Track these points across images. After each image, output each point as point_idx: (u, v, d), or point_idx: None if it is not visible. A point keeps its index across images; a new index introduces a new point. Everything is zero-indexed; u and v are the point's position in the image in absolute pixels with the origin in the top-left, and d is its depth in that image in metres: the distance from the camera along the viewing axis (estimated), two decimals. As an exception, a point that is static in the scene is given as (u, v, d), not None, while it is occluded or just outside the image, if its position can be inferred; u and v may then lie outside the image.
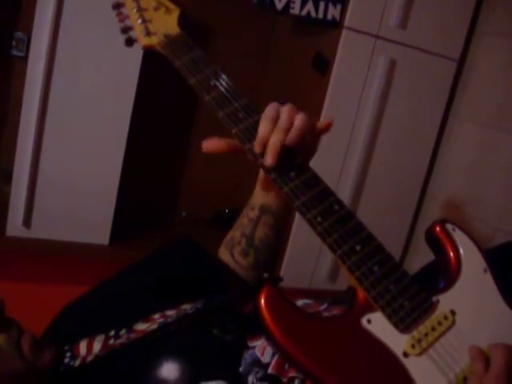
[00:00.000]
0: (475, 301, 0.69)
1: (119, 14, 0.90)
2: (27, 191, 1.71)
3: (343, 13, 1.81)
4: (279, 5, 1.74)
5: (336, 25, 1.82)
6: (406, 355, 0.63)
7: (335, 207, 0.69)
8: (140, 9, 0.88)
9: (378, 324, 0.64)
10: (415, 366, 0.62)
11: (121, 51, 1.04)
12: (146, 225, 2.11)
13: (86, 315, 0.80)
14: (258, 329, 0.62)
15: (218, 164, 1.89)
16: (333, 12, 1.80)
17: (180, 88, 0.97)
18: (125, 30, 0.89)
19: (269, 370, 0.68)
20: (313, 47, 1.92)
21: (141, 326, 0.74)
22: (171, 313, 0.74)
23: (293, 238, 1.91)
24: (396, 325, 0.64)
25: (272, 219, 0.85)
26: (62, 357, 0.73)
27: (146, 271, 0.86)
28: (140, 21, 0.88)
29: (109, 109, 1.76)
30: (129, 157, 1.81)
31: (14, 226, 1.74)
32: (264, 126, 0.71)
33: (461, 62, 2.04)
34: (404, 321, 0.64)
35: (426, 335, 0.64)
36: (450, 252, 0.72)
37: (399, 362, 0.62)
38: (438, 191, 2.14)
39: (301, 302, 0.84)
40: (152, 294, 0.80)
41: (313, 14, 1.79)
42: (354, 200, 1.99)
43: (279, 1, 1.73)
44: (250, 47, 2.19)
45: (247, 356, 0.70)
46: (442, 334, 0.65)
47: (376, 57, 1.88)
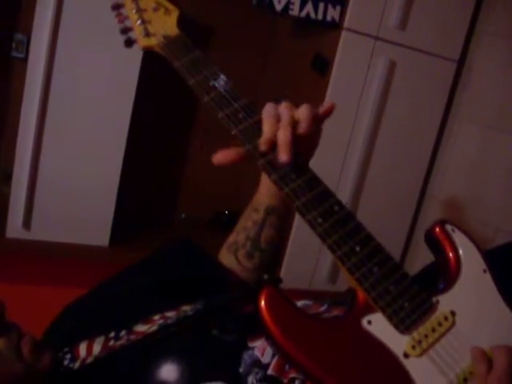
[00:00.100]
0: (475, 301, 0.69)
1: (119, 15, 0.89)
2: (27, 193, 1.71)
3: (343, 14, 1.81)
4: (278, 6, 1.74)
5: (335, 26, 1.82)
6: (407, 356, 0.62)
7: (335, 208, 0.69)
8: (139, 10, 0.88)
9: (379, 325, 0.64)
10: (415, 367, 0.62)
11: (120, 52, 1.04)
12: (146, 226, 2.11)
13: (86, 317, 0.80)
14: (258, 329, 0.62)
15: (218, 166, 1.88)
16: (332, 13, 1.80)
17: (180, 89, 0.97)
18: (124, 31, 0.89)
19: (269, 371, 0.68)
20: (312, 48, 1.92)
21: (141, 328, 0.73)
22: (171, 314, 0.74)
23: (292, 239, 1.91)
24: (396, 326, 0.64)
25: (277, 220, 0.85)
26: (62, 359, 0.73)
27: (146, 272, 0.86)
28: (139, 22, 0.87)
29: (108, 110, 1.75)
30: (128, 158, 1.81)
31: (14, 228, 1.74)
32: (268, 125, 0.70)
33: (460, 63, 2.05)
34: (404, 322, 0.64)
35: (427, 336, 0.64)
36: (450, 253, 0.72)
37: (399, 363, 0.62)
38: (438, 192, 2.14)
39: (301, 303, 0.84)
40: (152, 296, 0.80)
41: (312, 15, 1.79)
42: (354, 201, 1.98)
43: (278, 2, 1.73)
44: (250, 48, 2.19)
45: (247, 357, 0.70)
46: (443, 335, 0.64)
47: (375, 58, 1.88)
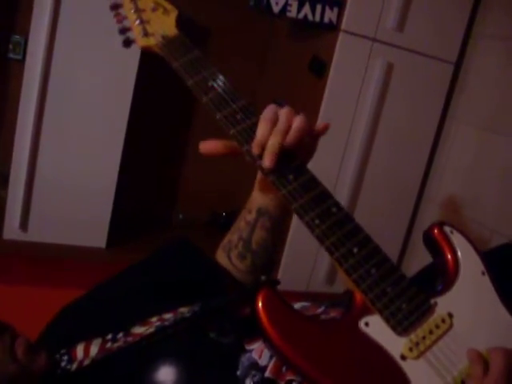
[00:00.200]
0: (473, 303, 0.69)
1: (117, 15, 0.89)
2: (24, 194, 1.71)
3: (340, 16, 1.81)
4: (276, 8, 1.74)
5: (333, 28, 1.82)
6: (404, 358, 0.62)
7: (333, 210, 0.69)
8: (138, 10, 0.88)
9: (376, 327, 0.64)
10: (413, 369, 0.62)
11: (118, 53, 1.04)
12: (143, 228, 2.10)
13: (83, 318, 0.80)
14: (256, 332, 0.62)
15: (216, 166, 1.89)
16: (330, 15, 1.80)
17: (178, 89, 0.97)
18: (123, 31, 0.89)
19: (266, 374, 0.68)
20: (310, 50, 1.92)
21: (138, 330, 0.73)
22: (168, 316, 0.74)
23: (290, 241, 1.91)
24: (394, 328, 0.64)
25: (269, 222, 0.84)
26: (59, 360, 0.73)
27: (144, 274, 0.86)
28: (138, 22, 0.87)
29: (106, 111, 1.75)
30: (126, 159, 1.81)
31: (11, 229, 1.73)
32: (262, 128, 0.70)
33: (458, 65, 2.05)
34: (402, 323, 0.64)
35: (424, 338, 0.64)
36: (448, 254, 0.72)
37: (397, 365, 0.62)
38: (436, 193, 2.14)
39: (298, 305, 0.83)
40: (149, 297, 0.80)
41: (310, 17, 1.79)
42: (352, 202, 1.98)
43: (276, 4, 1.73)
44: (248, 50, 2.19)
45: (244, 359, 0.70)
46: (440, 337, 0.64)
47: (373, 60, 1.88)
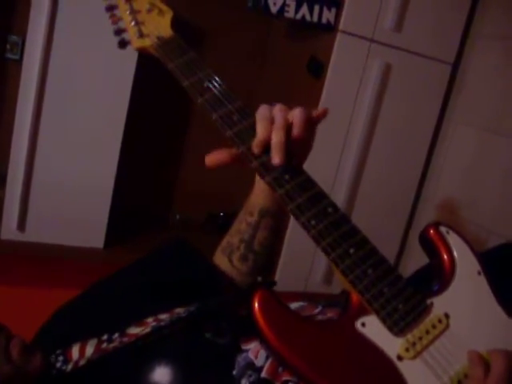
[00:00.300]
0: (469, 303, 0.69)
1: (112, 16, 0.89)
2: (21, 194, 1.71)
3: (338, 16, 1.81)
4: (274, 8, 1.74)
5: (330, 28, 1.82)
6: (400, 358, 0.62)
7: (329, 210, 0.69)
8: (133, 11, 0.88)
9: (372, 327, 0.64)
10: (409, 370, 0.62)
11: (115, 54, 1.04)
12: (141, 228, 2.10)
13: (78, 319, 0.80)
14: (252, 332, 0.62)
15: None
16: (327, 16, 1.80)
17: (175, 90, 0.97)
18: (118, 32, 0.88)
19: (262, 374, 0.68)
20: (307, 51, 1.92)
21: (134, 330, 0.73)
22: (164, 316, 0.74)
23: (287, 242, 1.90)
24: (390, 328, 0.64)
25: (271, 222, 0.84)
26: (55, 361, 0.73)
27: (140, 274, 0.86)
28: (133, 23, 0.87)
29: (103, 111, 1.75)
30: (123, 160, 1.81)
31: (8, 230, 1.73)
32: (262, 127, 0.70)
33: (455, 65, 2.05)
34: (398, 324, 0.64)
35: (421, 338, 0.64)
36: (444, 254, 0.72)
37: (393, 366, 0.62)
38: (433, 194, 2.14)
39: (295, 305, 0.83)
40: (145, 298, 0.79)
41: (307, 18, 1.79)
42: (349, 203, 1.98)
43: (274, 4, 1.73)
44: (246, 50, 2.19)
45: (241, 359, 0.70)
46: (437, 338, 0.64)
47: (371, 60, 1.88)
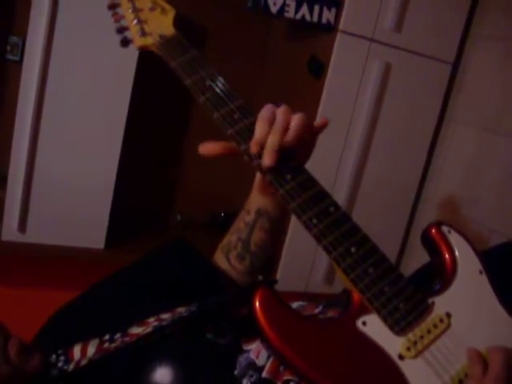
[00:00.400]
0: (471, 303, 0.69)
1: (115, 15, 0.89)
2: (22, 195, 1.71)
3: (338, 16, 1.81)
4: (274, 8, 1.74)
5: (331, 28, 1.82)
6: (402, 358, 0.62)
7: (331, 209, 0.69)
8: (135, 9, 0.88)
9: (374, 326, 0.64)
10: (410, 369, 0.62)
11: (116, 53, 1.04)
12: (142, 228, 2.10)
13: (80, 319, 0.80)
14: (253, 332, 0.62)
15: (214, 167, 1.88)
16: (327, 16, 1.80)
17: (176, 89, 0.97)
18: (120, 31, 0.89)
19: (263, 374, 0.68)
20: (308, 51, 1.92)
21: (135, 330, 0.73)
22: (166, 316, 0.74)
23: (288, 241, 1.90)
24: (391, 327, 0.64)
25: (268, 223, 0.84)
26: (56, 361, 0.73)
27: (141, 274, 0.86)
28: (135, 21, 0.87)
29: (104, 112, 1.75)
30: (124, 160, 1.81)
31: (9, 231, 1.73)
32: (260, 127, 0.70)
33: (455, 65, 2.05)
34: (399, 323, 0.64)
35: (422, 338, 0.64)
36: (446, 254, 0.72)
37: (394, 365, 0.62)
38: (434, 194, 2.14)
39: (296, 305, 0.83)
40: (147, 298, 0.79)
41: (307, 18, 1.79)
42: (350, 203, 1.98)
43: (274, 4, 1.73)
44: (246, 51, 2.19)
45: (242, 359, 0.70)
46: (438, 337, 0.64)
47: (371, 60, 1.88)
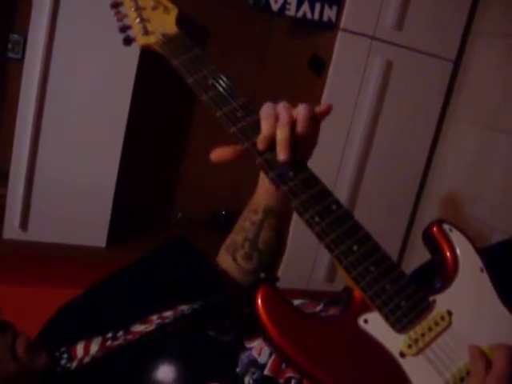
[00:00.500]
0: (472, 301, 0.69)
1: (117, 13, 0.89)
2: (24, 193, 1.71)
3: (339, 14, 1.81)
4: (275, 6, 1.74)
5: (332, 26, 1.82)
6: (403, 355, 0.62)
7: (333, 207, 0.69)
8: (138, 8, 0.88)
9: (375, 324, 0.64)
10: (412, 366, 0.62)
11: (117, 51, 1.04)
12: (143, 227, 2.11)
13: (82, 317, 0.80)
14: (255, 329, 0.62)
15: (215, 165, 1.88)
16: (328, 13, 1.80)
17: (178, 88, 0.97)
18: (123, 29, 0.89)
19: (265, 371, 0.68)
20: (309, 48, 1.92)
21: (138, 328, 0.73)
22: (168, 314, 0.74)
23: (290, 239, 1.90)
24: (393, 325, 0.64)
25: (276, 221, 0.84)
26: (59, 358, 0.73)
27: (143, 272, 0.86)
28: (138, 20, 0.87)
29: (105, 110, 1.75)
30: (125, 158, 1.81)
31: (11, 229, 1.73)
32: (266, 123, 0.71)
33: (457, 63, 2.05)
34: (401, 321, 0.64)
35: (423, 335, 0.64)
36: (447, 252, 0.72)
37: (396, 362, 0.62)
38: (435, 191, 2.14)
39: (297, 302, 0.83)
40: (149, 295, 0.80)
41: (308, 16, 1.79)
42: (351, 201, 1.98)
43: (275, 2, 1.73)
44: (247, 48, 2.19)
45: (244, 357, 0.70)
46: (439, 335, 0.64)
47: (372, 58, 1.88)
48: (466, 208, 1.98)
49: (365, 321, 0.64)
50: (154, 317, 0.74)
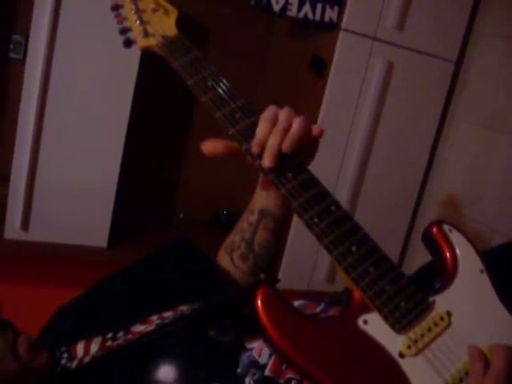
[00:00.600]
0: (471, 302, 0.69)
1: (118, 16, 0.90)
2: (25, 194, 1.71)
3: (340, 15, 1.81)
4: (276, 7, 1.74)
5: (333, 27, 1.82)
6: (402, 356, 0.63)
7: (332, 208, 0.69)
8: (138, 10, 0.89)
9: (375, 325, 0.64)
10: (411, 367, 0.62)
11: (119, 53, 1.04)
12: (145, 227, 2.11)
13: (83, 316, 0.80)
14: (255, 330, 0.62)
15: (217, 165, 1.88)
16: (330, 14, 1.80)
17: (178, 90, 0.97)
18: (123, 32, 0.89)
19: (265, 372, 0.68)
20: (310, 49, 1.92)
21: (138, 328, 0.74)
22: (168, 314, 0.74)
23: (291, 240, 1.91)
24: (392, 325, 0.64)
25: (272, 223, 0.84)
26: (59, 358, 0.73)
27: (143, 273, 0.86)
28: (138, 22, 0.88)
29: (107, 111, 1.75)
30: (127, 159, 1.81)
31: (12, 229, 1.74)
32: (262, 128, 0.71)
33: (458, 64, 2.05)
34: (400, 321, 0.64)
35: (422, 336, 0.64)
36: (447, 253, 0.72)
37: (395, 363, 0.62)
38: (436, 192, 2.14)
39: (297, 303, 0.84)
40: (149, 296, 0.80)
41: (310, 16, 1.79)
42: (352, 202, 1.98)
43: (276, 3, 1.73)
44: (248, 49, 2.19)
45: (244, 357, 0.70)
46: (438, 335, 0.65)
47: (373, 59, 1.88)
48: (467, 210, 1.98)
49: (364, 321, 0.64)
50: (154, 317, 0.75)
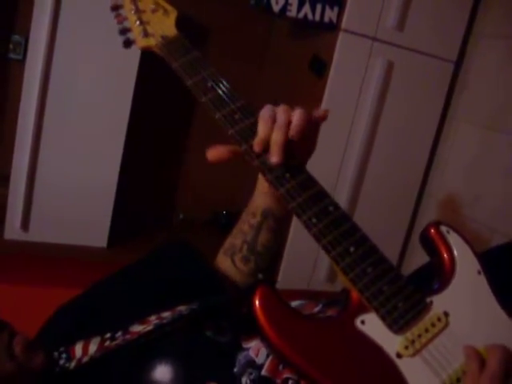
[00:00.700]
0: (469, 302, 0.69)
1: (117, 16, 0.90)
2: (25, 194, 1.71)
3: (340, 15, 1.81)
4: (276, 7, 1.74)
5: (333, 27, 1.82)
6: (400, 356, 0.63)
7: (330, 209, 0.70)
8: (138, 10, 0.89)
9: (372, 325, 0.64)
10: (408, 367, 0.62)
11: (119, 53, 1.04)
12: (144, 227, 2.11)
13: (82, 317, 0.81)
14: (253, 330, 0.62)
15: (216, 166, 1.88)
16: (330, 14, 1.80)
17: (178, 90, 0.97)
18: (123, 32, 0.90)
19: (262, 372, 0.68)
20: (310, 50, 1.92)
21: (136, 328, 0.74)
22: (166, 314, 0.75)
23: (291, 240, 1.91)
24: (390, 326, 0.64)
25: (274, 223, 0.85)
26: (58, 358, 0.73)
27: (142, 273, 0.86)
28: (138, 22, 0.88)
29: (107, 111, 1.76)
30: (126, 159, 1.81)
31: (12, 229, 1.74)
32: (263, 126, 0.71)
33: (458, 64, 2.05)
34: (398, 322, 0.64)
35: (420, 336, 0.64)
36: (444, 254, 0.72)
37: (392, 363, 0.62)
38: (436, 193, 2.14)
39: (295, 303, 0.84)
40: (148, 296, 0.80)
41: (310, 17, 1.79)
42: (352, 202, 1.99)
43: (276, 3, 1.73)
44: (248, 49, 2.19)
45: (241, 357, 0.71)
46: (436, 336, 0.65)
47: (373, 59, 1.88)
48: (467, 210, 1.98)
49: (362, 322, 0.64)
50: (153, 317, 0.75)
